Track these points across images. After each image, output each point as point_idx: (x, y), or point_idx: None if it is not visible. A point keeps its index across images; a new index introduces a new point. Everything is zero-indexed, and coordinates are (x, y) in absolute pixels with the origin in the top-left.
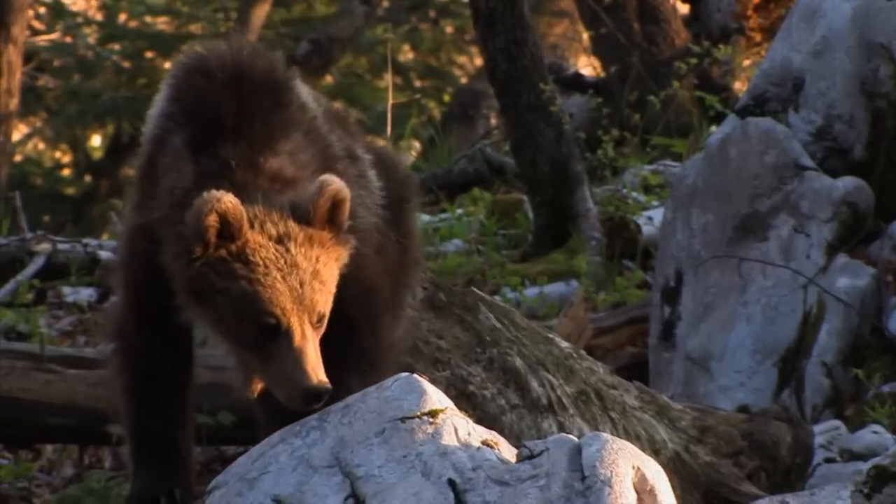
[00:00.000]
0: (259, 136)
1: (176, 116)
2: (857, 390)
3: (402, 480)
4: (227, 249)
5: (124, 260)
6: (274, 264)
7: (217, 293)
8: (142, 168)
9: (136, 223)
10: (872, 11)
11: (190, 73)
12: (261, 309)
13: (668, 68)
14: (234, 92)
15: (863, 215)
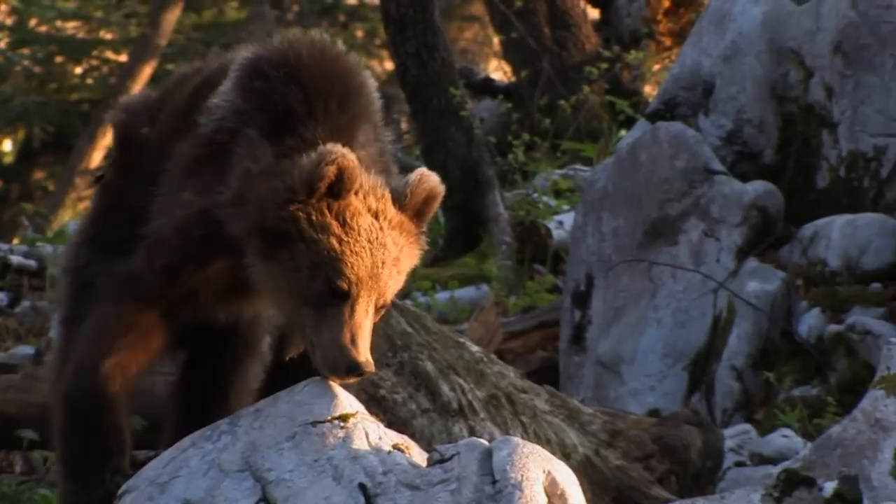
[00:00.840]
0: (336, 123)
1: (246, 110)
2: (767, 394)
3: (313, 485)
4: (328, 204)
5: (170, 246)
6: (367, 234)
7: (302, 241)
8: (201, 158)
9: (196, 209)
10: (782, 16)
11: (256, 66)
12: (340, 271)
13: (578, 73)
14: (303, 81)
15: (772, 219)
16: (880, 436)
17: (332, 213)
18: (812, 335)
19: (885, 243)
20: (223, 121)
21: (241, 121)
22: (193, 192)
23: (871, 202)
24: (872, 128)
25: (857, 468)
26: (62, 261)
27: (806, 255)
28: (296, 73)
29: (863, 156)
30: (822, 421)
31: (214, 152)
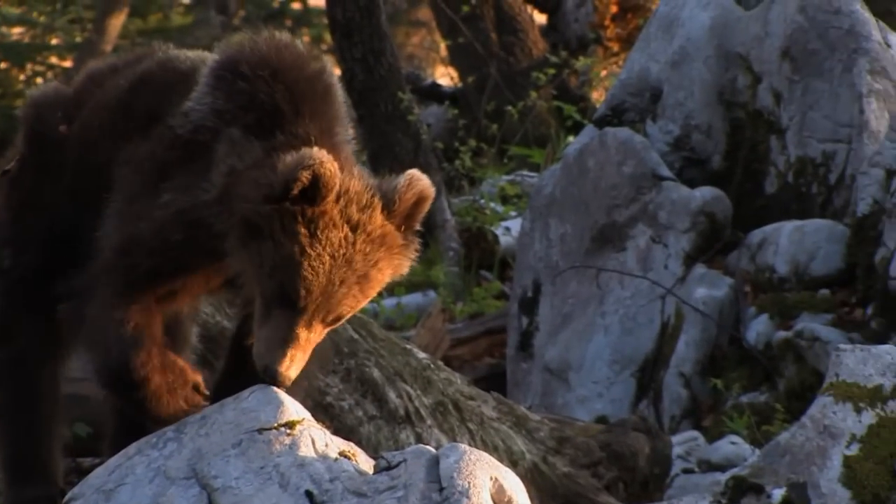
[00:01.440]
0: (322, 122)
1: (229, 109)
2: (715, 401)
3: (260, 492)
4: (303, 210)
5: (152, 240)
6: (331, 250)
7: (271, 240)
8: (178, 160)
9: (175, 209)
10: (730, 21)
11: (236, 67)
12: (293, 281)
13: (525, 78)
14: (288, 81)
15: (721, 225)
16: (829, 443)
17: (304, 219)
18: (760, 341)
19: (834, 249)
20: (202, 121)
21: (223, 121)
22: (173, 193)
23: (819, 208)
24: (821, 133)
25: (805, 475)
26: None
27: (754, 261)
28: (279, 73)
29: (811, 161)
30: (770, 428)
31: (193, 153)
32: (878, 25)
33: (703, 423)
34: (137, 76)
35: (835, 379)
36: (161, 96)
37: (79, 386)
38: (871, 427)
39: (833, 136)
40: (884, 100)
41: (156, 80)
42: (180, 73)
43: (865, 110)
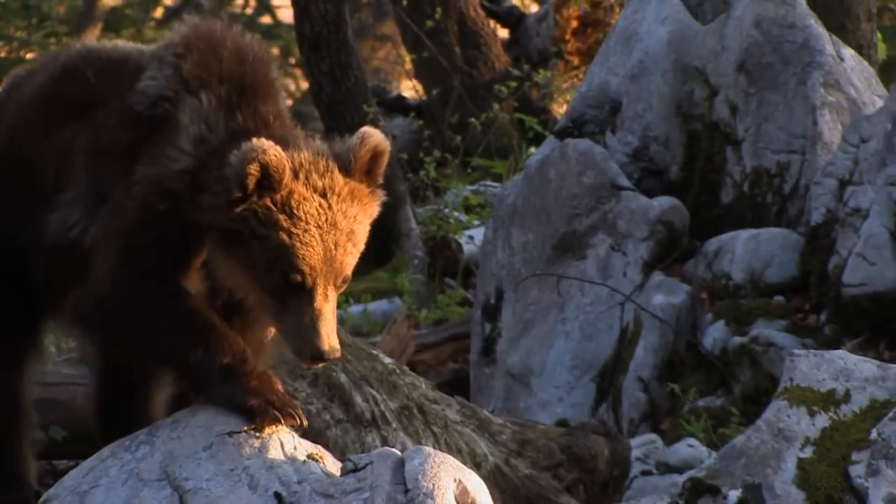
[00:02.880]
0: (278, 100)
1: (192, 81)
2: (673, 404)
3: (230, 493)
4: (270, 198)
5: (136, 220)
6: (315, 220)
7: (255, 238)
8: (143, 136)
9: (151, 180)
10: (688, 35)
11: (201, 43)
12: (292, 264)
13: (488, 91)
14: (252, 61)
15: (678, 234)
16: (783, 445)
17: (277, 206)
18: (717, 347)
19: (788, 257)
20: (161, 91)
21: (186, 89)
22: (145, 166)
23: (774, 217)
24: (775, 145)
25: (760, 477)
26: None
27: (711, 268)
28: (243, 51)
29: (766, 172)
30: (726, 431)
31: (156, 125)
32: (831, 40)
33: (661, 426)
34: (59, 68)
35: (789, 383)
36: (95, 83)
37: (54, 390)
38: (824, 430)
39: (787, 147)
40: (837, 112)
41: (82, 69)
42: (113, 60)
43: (819, 122)
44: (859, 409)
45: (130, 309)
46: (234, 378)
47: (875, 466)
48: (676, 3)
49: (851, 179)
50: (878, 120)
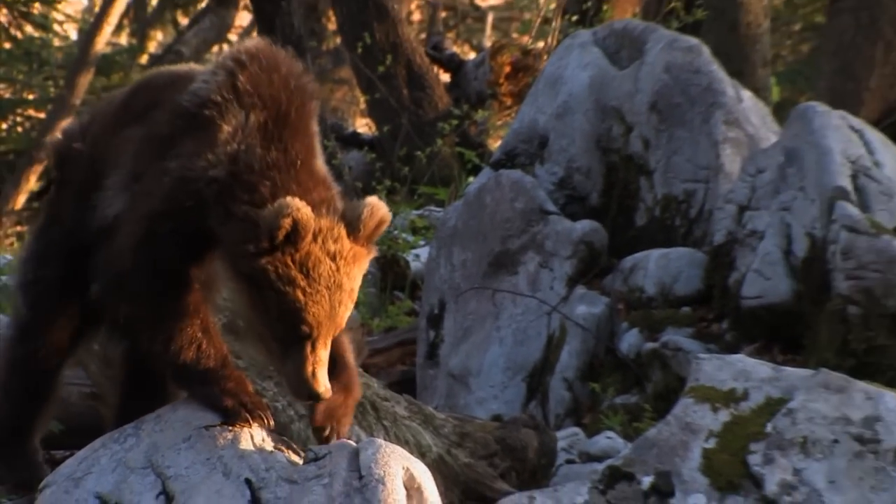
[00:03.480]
0: (313, 137)
1: (242, 94)
2: (594, 402)
3: (206, 479)
4: (291, 256)
5: (163, 209)
6: (325, 281)
7: (272, 290)
8: (181, 130)
9: (183, 175)
10: (606, 79)
11: (259, 61)
12: (303, 319)
13: (432, 128)
14: (298, 90)
15: (598, 252)
16: (690, 437)
17: (295, 264)
18: (632, 351)
19: (694, 273)
20: (210, 94)
21: (236, 99)
22: (178, 160)
23: (681, 238)
24: (683, 175)
25: (670, 465)
26: (15, 277)
27: (626, 283)
28: (290, 78)
29: (675, 199)
30: (640, 425)
31: (198, 124)
32: (731, 83)
33: (584, 420)
34: (136, 83)
35: (695, 383)
36: (159, 91)
37: None
38: (725, 424)
39: (693, 176)
40: (736, 146)
41: (153, 81)
42: (178, 74)
43: (721, 155)
44: (756, 406)
45: (140, 294)
46: (214, 381)
47: (770, 456)
48: (596, 51)
49: (749, 205)
50: (772, 153)
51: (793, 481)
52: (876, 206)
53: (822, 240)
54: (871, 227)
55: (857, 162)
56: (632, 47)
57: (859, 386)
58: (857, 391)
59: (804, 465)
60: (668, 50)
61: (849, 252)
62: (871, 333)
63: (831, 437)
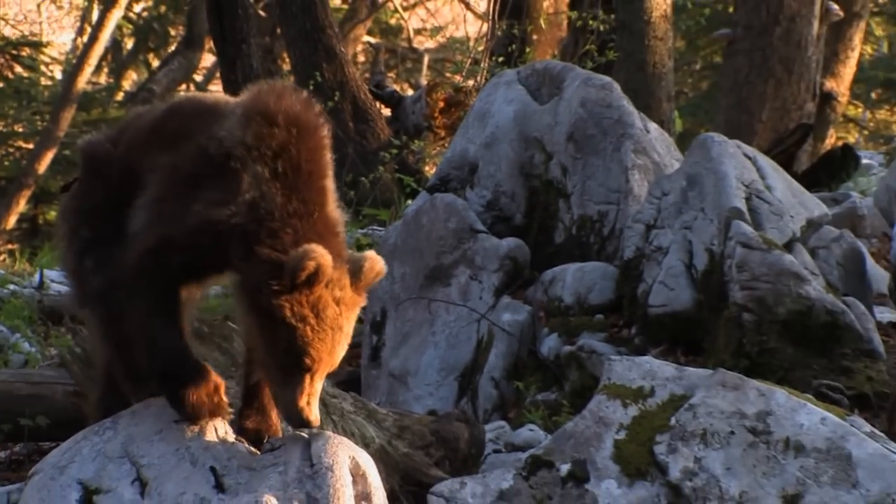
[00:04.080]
0: (328, 183)
1: (263, 148)
2: (518, 398)
3: (176, 467)
4: (306, 297)
5: (179, 238)
6: (330, 323)
7: (284, 325)
8: (206, 176)
9: (207, 218)
10: (528, 113)
11: (279, 114)
12: (309, 354)
13: (375, 156)
14: (314, 141)
15: (521, 266)
16: (603, 429)
17: (308, 304)
18: (551, 354)
19: (606, 284)
20: (233, 149)
21: (250, 155)
22: (204, 205)
23: (595, 253)
24: (597, 197)
25: (585, 454)
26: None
27: (547, 293)
28: (305, 132)
29: (589, 219)
30: (559, 419)
31: (223, 174)
32: (639, 116)
33: (509, 415)
34: (168, 106)
35: (607, 382)
36: (189, 120)
37: (40, 388)
38: (634, 418)
39: (606, 199)
40: (644, 172)
41: (184, 108)
42: (206, 104)
43: (630, 180)
44: (661, 402)
45: (137, 303)
46: (182, 384)
47: (674, 446)
48: (520, 88)
49: (655, 224)
50: (675, 178)
51: (694, 468)
52: (767, 224)
53: (720, 255)
54: (763, 244)
55: (751, 185)
56: (551, 85)
57: (753, 384)
58: (750, 389)
59: (704, 454)
60: (584, 87)
61: (743, 265)
62: (763, 337)
63: (728, 429)
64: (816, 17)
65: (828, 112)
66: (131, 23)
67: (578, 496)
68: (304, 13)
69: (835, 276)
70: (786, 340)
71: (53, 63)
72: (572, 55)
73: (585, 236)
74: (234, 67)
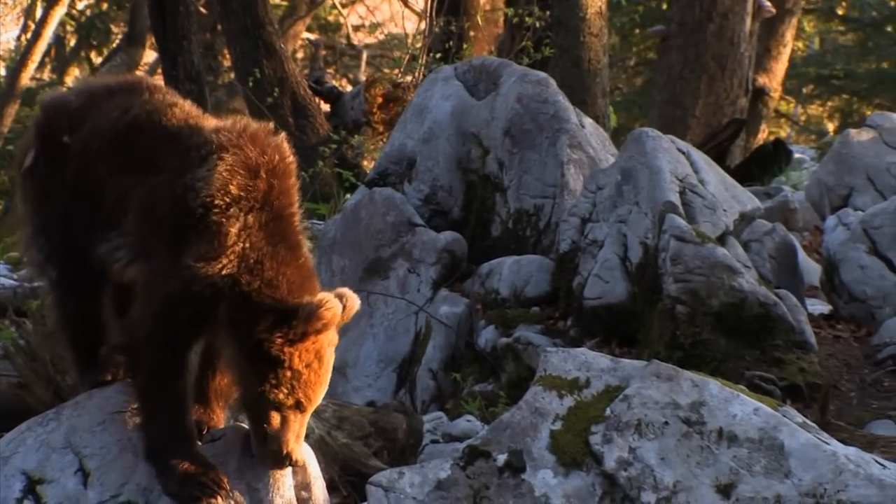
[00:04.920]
0: (296, 217)
1: (239, 198)
2: (455, 389)
3: (118, 458)
4: (312, 343)
5: (179, 298)
6: (327, 366)
7: (290, 370)
8: (190, 229)
9: (200, 273)
10: (466, 108)
11: (246, 167)
12: (309, 395)
13: (314, 151)
14: (282, 176)
15: (459, 260)
16: (539, 420)
17: (313, 351)
18: (488, 345)
19: (542, 277)
20: (212, 200)
21: (237, 206)
22: (193, 259)
23: (532, 247)
24: (533, 191)
25: (522, 444)
26: (27, 255)
27: (484, 286)
28: (276, 175)
29: (525, 212)
30: (496, 409)
31: (205, 226)
32: (575, 111)
33: (446, 406)
34: (130, 120)
35: (543, 373)
36: (153, 145)
37: None
38: (570, 409)
39: (542, 193)
40: (579, 167)
41: (145, 130)
42: (168, 128)
43: (566, 174)
44: (597, 393)
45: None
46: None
47: (609, 436)
48: (458, 84)
49: (591, 218)
50: (610, 173)
51: (628, 458)
52: (701, 218)
53: (654, 248)
54: (696, 237)
55: (685, 180)
56: (488, 81)
57: (686, 375)
58: (684, 380)
59: (638, 444)
60: (520, 83)
61: (677, 258)
62: (697, 329)
63: (662, 419)
64: (749, 14)
65: (760, 107)
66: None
67: (515, 486)
68: (245, 10)
69: (767, 268)
70: (719, 332)
71: None
72: (509, 51)
73: (522, 230)
74: (176, 64)
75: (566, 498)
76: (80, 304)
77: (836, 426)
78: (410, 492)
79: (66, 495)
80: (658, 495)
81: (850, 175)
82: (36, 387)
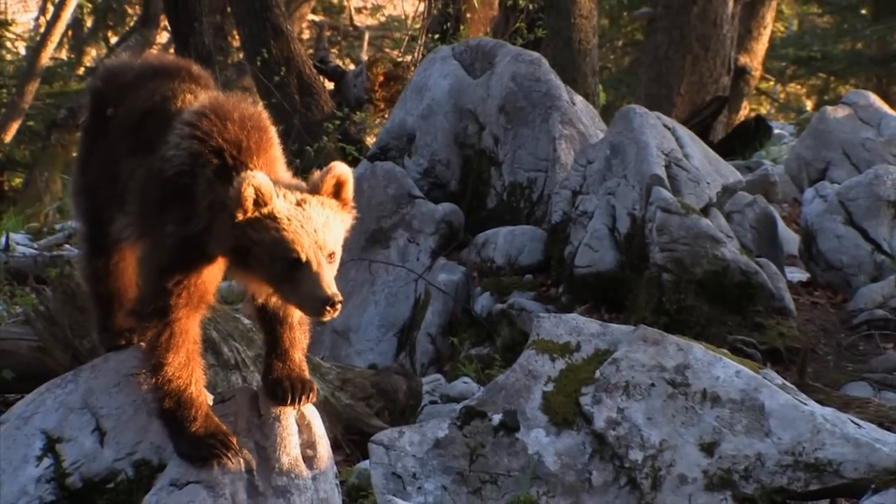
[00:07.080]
0: (271, 155)
1: (203, 153)
2: (453, 353)
3: (133, 418)
4: (260, 212)
5: (171, 265)
6: (294, 218)
7: (254, 244)
8: (169, 196)
9: (182, 235)
10: (463, 86)
11: (207, 118)
12: (287, 248)
13: (319, 127)
14: (243, 130)
15: (456, 230)
16: (532, 382)
17: (264, 217)
18: (484, 311)
19: (535, 247)
20: (182, 166)
21: (199, 164)
22: (174, 225)
23: (525, 218)
24: (526, 165)
25: (516, 405)
26: (72, 203)
27: (480, 254)
28: (245, 120)
29: (519, 185)
30: (491, 372)
31: (180, 192)
32: (566, 89)
33: (444, 369)
34: (150, 104)
35: (536, 337)
36: (156, 132)
37: (5, 344)
38: (561, 371)
39: (535, 167)
40: (570, 142)
41: (156, 115)
42: (170, 115)
43: (557, 149)
44: (587, 356)
45: (154, 331)
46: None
47: (598, 397)
48: (455, 63)
49: (581, 190)
50: (599, 148)
51: (617, 418)
52: (685, 190)
53: (641, 219)
54: (681, 208)
55: (670, 154)
56: (484, 60)
57: (672, 339)
58: (670, 343)
59: (626, 405)
60: (514, 62)
61: (663, 229)
62: (682, 296)
63: (649, 381)
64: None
65: (742, 85)
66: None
67: (509, 444)
68: None
69: (748, 238)
70: (702, 299)
71: (18, 40)
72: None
73: (516, 202)
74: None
75: (558, 456)
76: (103, 264)
77: (813, 388)
78: (410, 450)
79: (83, 453)
80: (645, 453)
81: (827, 150)
82: (55, 351)
